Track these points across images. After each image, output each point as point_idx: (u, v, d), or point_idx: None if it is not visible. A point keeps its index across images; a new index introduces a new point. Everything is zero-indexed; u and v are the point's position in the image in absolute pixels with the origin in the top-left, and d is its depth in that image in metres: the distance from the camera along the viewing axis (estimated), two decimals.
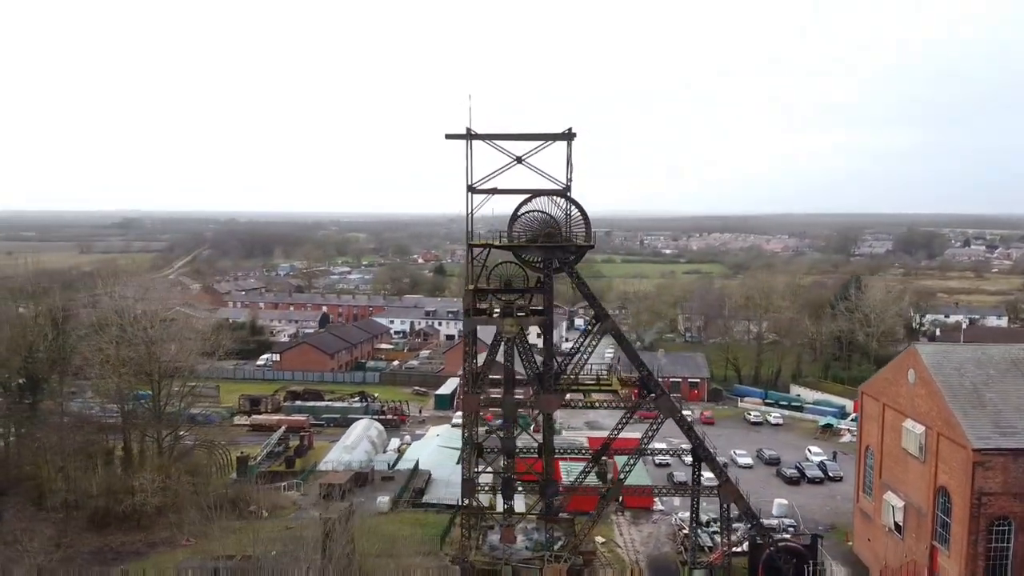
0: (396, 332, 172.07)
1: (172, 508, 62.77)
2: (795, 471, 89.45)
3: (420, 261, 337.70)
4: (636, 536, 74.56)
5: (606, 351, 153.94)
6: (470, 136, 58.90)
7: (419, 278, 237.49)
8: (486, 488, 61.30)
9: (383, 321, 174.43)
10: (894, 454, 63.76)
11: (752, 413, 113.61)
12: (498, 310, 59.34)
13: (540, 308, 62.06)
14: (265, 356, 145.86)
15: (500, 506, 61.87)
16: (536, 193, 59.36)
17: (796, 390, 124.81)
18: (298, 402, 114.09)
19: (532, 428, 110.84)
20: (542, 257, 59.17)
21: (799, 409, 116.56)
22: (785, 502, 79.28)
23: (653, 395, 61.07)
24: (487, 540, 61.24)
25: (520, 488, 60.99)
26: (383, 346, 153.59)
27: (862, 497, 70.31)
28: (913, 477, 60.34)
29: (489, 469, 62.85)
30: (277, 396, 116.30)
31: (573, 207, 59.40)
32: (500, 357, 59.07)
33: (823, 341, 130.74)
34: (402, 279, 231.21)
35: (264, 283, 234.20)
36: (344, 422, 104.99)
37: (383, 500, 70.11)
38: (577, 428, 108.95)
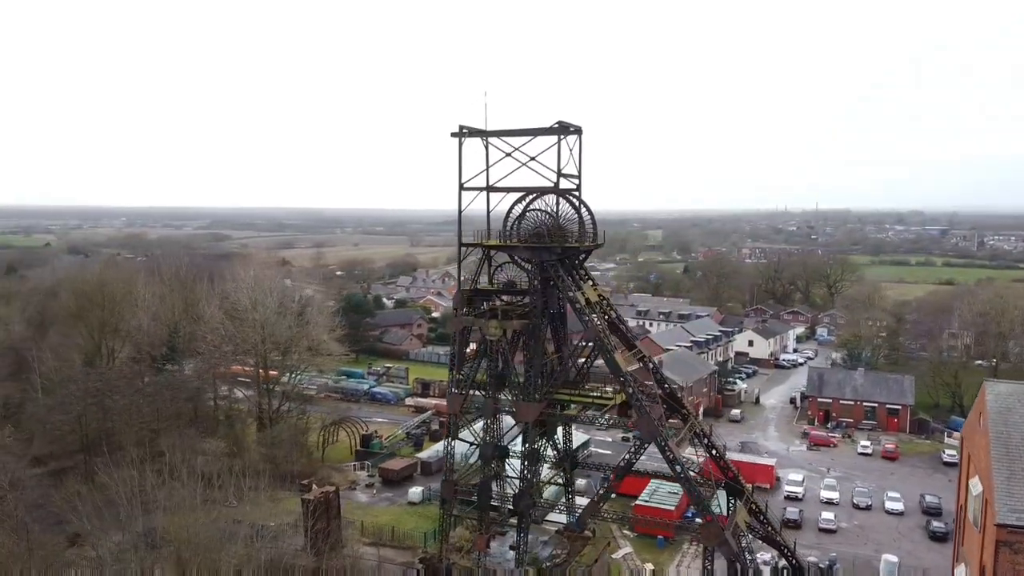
0: None
1: (237, 472, 70.61)
2: (945, 526, 73.60)
3: (699, 259, 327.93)
4: (695, 570, 67.45)
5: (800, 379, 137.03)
6: (464, 134, 58.37)
7: (671, 277, 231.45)
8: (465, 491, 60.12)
9: None
10: (967, 517, 50.54)
11: (948, 451, 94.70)
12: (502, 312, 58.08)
13: (552, 311, 59.89)
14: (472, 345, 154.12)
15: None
16: (529, 191, 56.95)
17: None
18: None
19: (678, 441, 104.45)
20: (529, 258, 56.87)
21: None
22: (895, 559, 66.15)
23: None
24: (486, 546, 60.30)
25: (493, 496, 58.86)
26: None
27: (956, 567, 56.22)
28: (974, 549, 47.45)
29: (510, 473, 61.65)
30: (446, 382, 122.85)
31: (566, 206, 55.99)
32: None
33: None
34: (647, 276, 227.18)
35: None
36: None
37: (415, 491, 71.90)
38: (726, 446, 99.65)
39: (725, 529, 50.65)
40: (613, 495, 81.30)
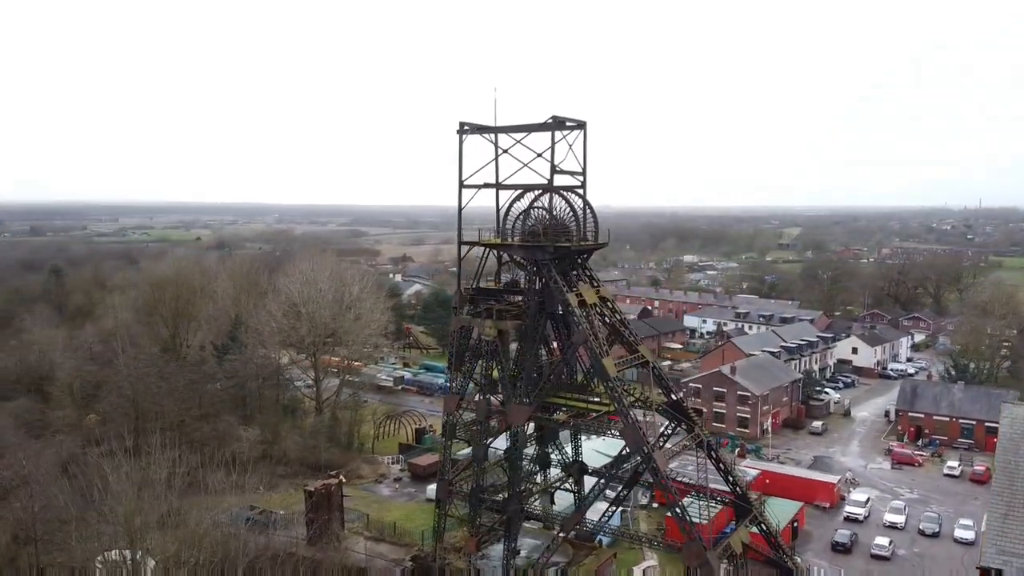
0: (707, 332, 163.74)
1: (271, 459, 73.33)
2: None
3: (833, 259, 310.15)
4: None
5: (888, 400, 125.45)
6: (466, 130, 57.66)
7: (790, 277, 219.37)
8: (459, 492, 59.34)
9: (695, 319, 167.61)
10: None
11: None
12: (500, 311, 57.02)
13: (552, 312, 58.13)
14: None
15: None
16: (526, 189, 55.47)
17: None
18: None
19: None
20: (522, 257, 55.48)
21: None
22: None
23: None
24: (486, 548, 59.44)
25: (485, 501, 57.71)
26: (672, 345, 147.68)
27: None
28: None
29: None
30: None
31: (562, 204, 54.07)
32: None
33: None
34: (762, 276, 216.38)
35: (626, 275, 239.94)
36: None
37: (433, 488, 71.53)
38: (798, 460, 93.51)
39: (709, 549, 47.43)
40: (655, 505, 79.35)
